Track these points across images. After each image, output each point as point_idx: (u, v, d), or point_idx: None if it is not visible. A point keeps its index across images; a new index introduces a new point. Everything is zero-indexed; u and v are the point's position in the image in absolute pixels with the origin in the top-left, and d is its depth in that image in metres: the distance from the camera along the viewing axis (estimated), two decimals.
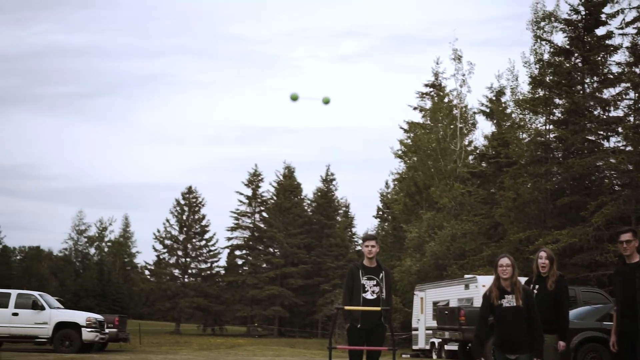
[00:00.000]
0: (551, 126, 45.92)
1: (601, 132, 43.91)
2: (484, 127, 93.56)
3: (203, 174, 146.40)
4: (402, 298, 54.32)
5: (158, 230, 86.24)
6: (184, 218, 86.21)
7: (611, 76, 44.11)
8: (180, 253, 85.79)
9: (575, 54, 45.18)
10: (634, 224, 35.56)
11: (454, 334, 26.60)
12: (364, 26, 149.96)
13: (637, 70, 42.64)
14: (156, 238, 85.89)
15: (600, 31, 45.04)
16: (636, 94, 42.14)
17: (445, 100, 62.90)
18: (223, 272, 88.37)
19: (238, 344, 50.88)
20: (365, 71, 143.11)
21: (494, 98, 59.79)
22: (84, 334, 29.85)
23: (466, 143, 60.70)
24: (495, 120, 58.14)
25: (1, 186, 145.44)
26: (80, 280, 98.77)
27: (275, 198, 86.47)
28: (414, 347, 40.03)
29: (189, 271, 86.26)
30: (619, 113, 43.62)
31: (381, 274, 11.82)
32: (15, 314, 29.78)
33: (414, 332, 40.42)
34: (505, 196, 45.06)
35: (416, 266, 51.56)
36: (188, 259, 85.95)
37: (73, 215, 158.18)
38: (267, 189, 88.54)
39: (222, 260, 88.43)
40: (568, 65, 45.49)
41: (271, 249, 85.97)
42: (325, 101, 7.22)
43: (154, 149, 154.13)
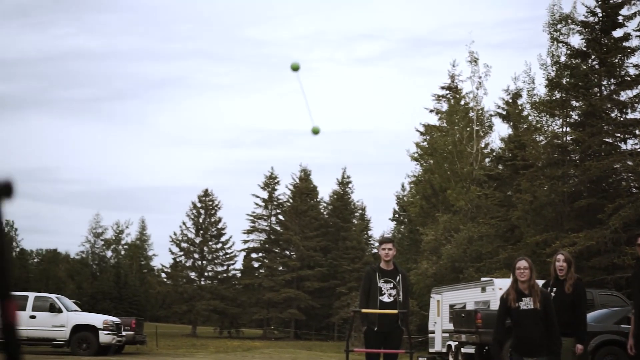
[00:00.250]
0: (568, 128, 45.81)
1: (618, 135, 43.80)
2: (501, 130, 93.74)
3: (219, 177, 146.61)
4: (419, 301, 54.24)
5: (174, 233, 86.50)
6: (201, 221, 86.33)
7: (628, 78, 43.99)
8: (196, 256, 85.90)
9: (592, 56, 45.06)
10: None
11: (470, 337, 26.54)
12: (380, 29, 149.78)
13: None
14: (173, 241, 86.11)
15: (618, 33, 44.95)
16: None
17: (462, 102, 62.76)
18: (239, 275, 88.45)
19: (254, 346, 50.92)
20: (381, 74, 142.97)
21: (510, 100, 59.61)
22: (101, 336, 29.96)
23: (482, 145, 60.55)
24: (511, 123, 57.97)
25: (19, 189, 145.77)
26: (97, 283, 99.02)
27: (291, 201, 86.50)
28: (431, 350, 39.96)
29: (206, 274, 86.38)
30: (637, 115, 43.53)
31: (398, 277, 11.81)
32: (32, 317, 29.90)
33: (430, 335, 40.37)
34: (522, 199, 44.95)
35: (432, 269, 51.48)
36: (204, 262, 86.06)
37: (90, 218, 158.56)
38: (284, 191, 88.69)
39: (239, 263, 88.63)
40: (585, 67, 45.36)
41: (287, 252, 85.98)
42: (315, 131, 7.19)
43: (171, 152, 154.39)
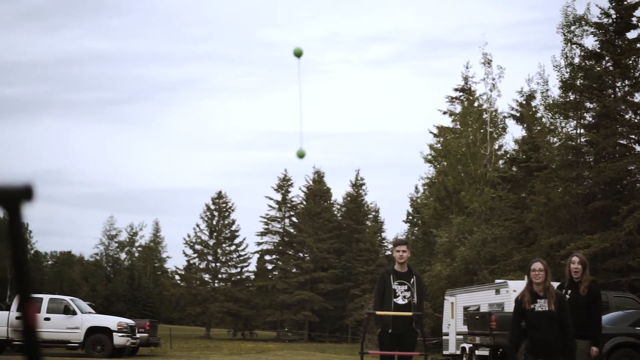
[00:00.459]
0: (582, 130, 45.71)
1: (633, 136, 43.69)
2: (514, 132, 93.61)
3: (233, 179, 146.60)
4: (433, 303, 54.19)
5: (188, 235, 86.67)
6: (214, 223, 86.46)
7: None
8: (210, 258, 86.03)
9: (606, 58, 44.96)
10: None
11: (484, 339, 26.52)
12: (393, 31, 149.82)
13: None
14: (186, 243, 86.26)
15: (632, 34, 44.86)
16: None
17: (475, 104, 62.71)
18: (253, 277, 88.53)
19: (268, 348, 50.98)
20: (394, 76, 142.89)
21: (524, 102, 59.49)
22: (115, 338, 30.01)
23: (496, 147, 60.49)
24: (525, 125, 57.84)
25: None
26: (111, 285, 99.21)
27: (305, 203, 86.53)
28: (445, 352, 39.92)
29: (219, 276, 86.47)
30: None
31: (412, 279, 11.80)
32: (47, 319, 29.97)
33: (444, 337, 40.33)
34: (536, 201, 44.86)
35: (446, 271, 51.44)
36: (218, 264, 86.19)
37: (104, 220, 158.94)
38: (297, 193, 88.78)
39: (252, 265, 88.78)
40: (599, 69, 45.26)
41: (301, 254, 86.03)
42: (300, 155, 7.18)
43: (184, 154, 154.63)
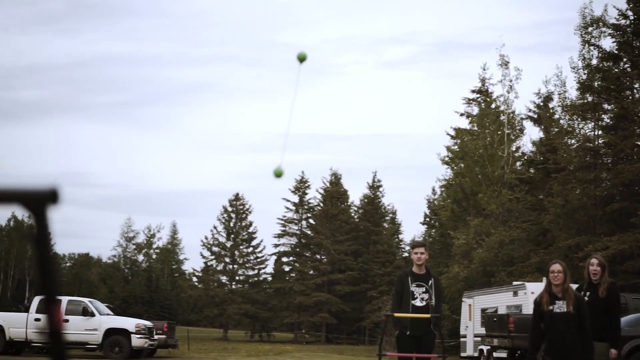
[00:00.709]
0: (600, 132, 45.59)
1: None
2: (532, 133, 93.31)
3: (250, 181, 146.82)
4: (450, 305, 54.15)
5: (205, 237, 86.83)
6: (232, 225, 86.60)
7: None
8: (227, 260, 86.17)
9: (624, 59, 44.83)
10: None
11: (502, 341, 26.46)
12: (409, 33, 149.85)
13: None
14: (204, 245, 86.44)
15: None
16: None
17: (492, 106, 62.64)
18: (270, 279, 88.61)
19: (286, 350, 51.02)
20: (411, 78, 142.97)
21: (541, 104, 59.38)
22: (133, 340, 30.09)
23: (514, 149, 60.40)
24: (543, 126, 57.74)
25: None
26: (128, 286, 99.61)
27: (322, 205, 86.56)
28: (462, 354, 39.86)
29: (237, 278, 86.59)
30: None
31: (430, 281, 11.80)
32: (65, 320, 30.08)
33: (462, 339, 40.27)
34: (554, 202, 44.76)
35: (464, 273, 51.40)
36: (235, 266, 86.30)
37: (122, 222, 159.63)
38: (314, 195, 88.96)
39: (270, 267, 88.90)
40: (617, 70, 45.14)
41: (318, 256, 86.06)
42: (277, 174, 7.16)
43: (202, 156, 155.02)
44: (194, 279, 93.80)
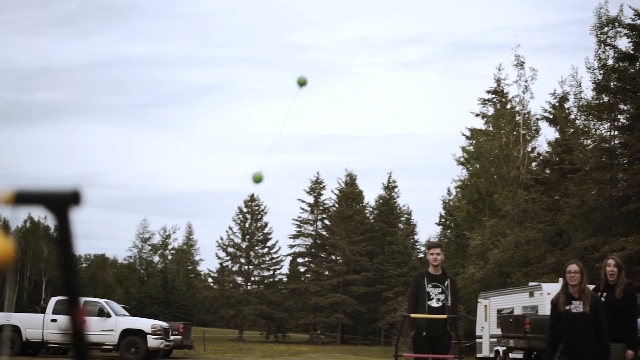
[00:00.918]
0: (616, 132, 45.44)
1: None
2: (547, 134, 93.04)
3: (265, 182, 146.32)
4: (466, 305, 54.07)
5: (221, 238, 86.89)
6: (247, 226, 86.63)
7: None
8: (243, 261, 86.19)
9: None
10: None
11: (518, 342, 26.42)
12: (424, 33, 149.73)
13: None
14: (219, 246, 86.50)
15: None
16: None
17: (508, 106, 62.50)
18: (285, 280, 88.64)
19: (301, 351, 51.06)
20: (426, 78, 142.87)
21: (557, 104, 59.24)
22: (149, 341, 30.15)
23: (529, 149, 60.27)
24: (558, 127, 57.59)
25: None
26: (144, 287, 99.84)
27: (337, 205, 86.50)
28: (478, 355, 39.78)
29: (252, 279, 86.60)
30: None
31: (446, 282, 11.80)
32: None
33: (477, 340, 40.20)
34: (570, 203, 44.64)
35: (479, 273, 51.32)
36: (251, 267, 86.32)
37: (137, 223, 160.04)
38: (329, 196, 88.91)
39: (285, 268, 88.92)
40: (633, 70, 44.97)
41: (333, 257, 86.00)
42: (256, 179, 7.06)
43: (217, 157, 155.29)
44: (210, 280, 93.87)
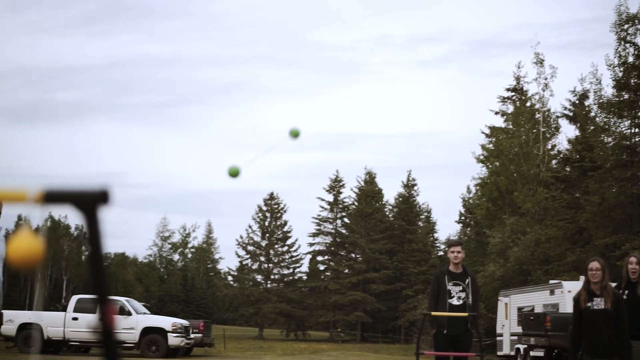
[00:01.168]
0: (636, 129, 45.26)
1: None
2: (568, 131, 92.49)
3: (285, 180, 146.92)
4: (486, 303, 53.94)
5: (241, 237, 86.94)
6: (266, 224, 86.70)
7: None
8: (262, 259, 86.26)
9: None
10: None
11: (539, 340, 26.38)
12: (443, 31, 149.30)
13: None
14: (239, 244, 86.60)
15: None
16: None
17: (528, 104, 62.28)
18: (305, 278, 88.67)
19: (321, 349, 51.09)
20: (445, 76, 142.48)
21: (577, 102, 59.02)
22: (170, 339, 30.24)
23: (549, 147, 60.04)
24: (578, 124, 57.39)
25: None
26: (164, 286, 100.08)
27: (356, 204, 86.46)
28: (499, 353, 39.74)
29: (272, 277, 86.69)
30: None
31: (467, 280, 11.79)
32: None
33: (498, 338, 40.15)
34: (590, 201, 44.50)
35: (500, 271, 51.19)
36: (270, 265, 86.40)
37: (157, 222, 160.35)
38: (349, 194, 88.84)
39: (305, 266, 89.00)
40: None
41: (353, 255, 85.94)
42: (232, 173, 7.00)
43: (237, 156, 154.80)
44: (229, 278, 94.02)
